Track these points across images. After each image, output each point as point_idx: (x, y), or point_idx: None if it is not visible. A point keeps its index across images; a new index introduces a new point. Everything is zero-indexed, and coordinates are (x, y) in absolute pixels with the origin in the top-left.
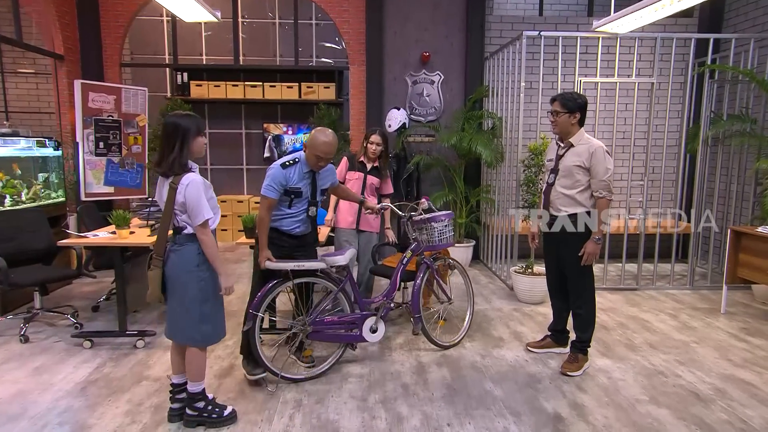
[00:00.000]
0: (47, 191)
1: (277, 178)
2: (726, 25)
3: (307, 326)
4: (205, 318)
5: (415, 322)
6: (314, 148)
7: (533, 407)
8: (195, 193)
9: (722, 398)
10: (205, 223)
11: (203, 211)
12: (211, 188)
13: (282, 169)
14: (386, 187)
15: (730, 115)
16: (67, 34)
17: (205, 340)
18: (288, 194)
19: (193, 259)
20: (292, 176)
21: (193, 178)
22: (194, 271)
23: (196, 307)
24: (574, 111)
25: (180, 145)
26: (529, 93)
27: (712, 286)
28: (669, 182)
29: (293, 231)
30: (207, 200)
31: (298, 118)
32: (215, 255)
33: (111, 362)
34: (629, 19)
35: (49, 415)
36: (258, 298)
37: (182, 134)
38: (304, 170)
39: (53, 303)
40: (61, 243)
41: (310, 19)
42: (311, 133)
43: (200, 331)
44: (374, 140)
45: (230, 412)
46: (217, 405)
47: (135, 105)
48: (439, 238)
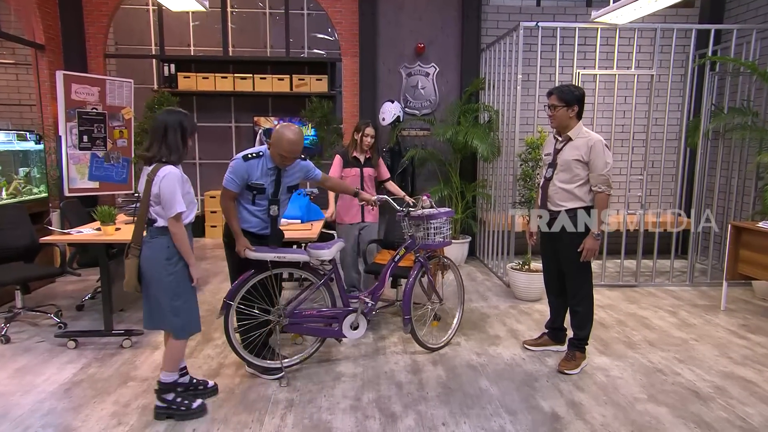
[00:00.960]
0: (29, 187)
1: (239, 171)
2: (727, 15)
3: (283, 318)
4: (176, 311)
5: (405, 323)
6: (279, 146)
7: (530, 406)
8: (170, 186)
9: (722, 396)
10: (178, 216)
11: (176, 205)
12: (188, 183)
13: (243, 162)
14: (383, 172)
15: (731, 108)
16: (48, 22)
17: (181, 331)
18: (250, 189)
19: (163, 252)
20: (255, 171)
21: (170, 171)
22: (164, 265)
23: (166, 300)
24: (572, 104)
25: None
26: (527, 86)
27: (712, 283)
28: (669, 177)
29: (256, 230)
30: (183, 195)
31: (290, 111)
32: (186, 248)
33: (96, 362)
34: (628, 9)
35: (32, 418)
36: (234, 287)
37: (181, 128)
38: (268, 166)
39: (35, 302)
40: (43, 240)
41: (301, 9)
42: (276, 130)
43: (171, 323)
44: (369, 133)
45: (199, 404)
46: (187, 397)
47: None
48: (437, 236)
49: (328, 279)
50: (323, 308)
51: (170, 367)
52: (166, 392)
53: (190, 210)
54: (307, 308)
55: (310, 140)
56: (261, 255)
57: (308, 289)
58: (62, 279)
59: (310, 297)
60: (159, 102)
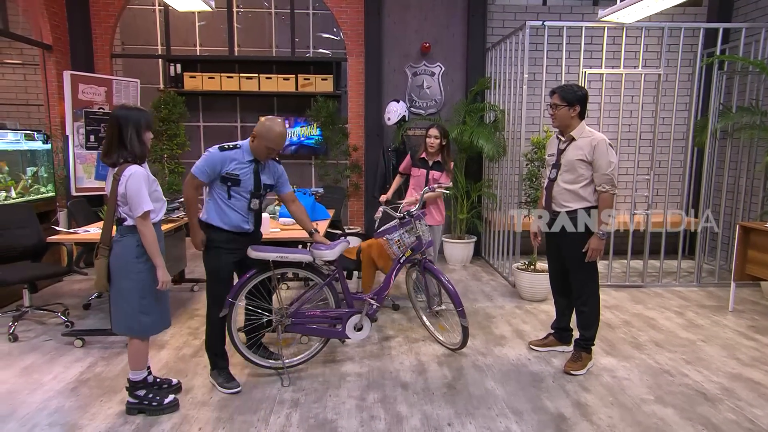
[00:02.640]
0: (36, 186)
1: (213, 160)
2: (736, 14)
3: (286, 318)
4: (144, 309)
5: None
6: (267, 139)
7: (536, 407)
8: (135, 185)
9: (730, 398)
10: (145, 215)
11: (143, 204)
12: (155, 182)
13: (219, 152)
14: (446, 180)
15: (739, 108)
16: (55, 23)
17: (143, 331)
18: (224, 181)
19: (132, 251)
20: (230, 162)
21: (135, 170)
22: (133, 263)
23: (134, 298)
24: (574, 104)
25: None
26: (533, 85)
27: (720, 283)
28: (676, 177)
29: (237, 227)
30: (150, 193)
31: (295, 110)
32: (154, 247)
33: (103, 361)
34: (636, 8)
35: (39, 416)
36: (236, 286)
37: (135, 126)
38: (246, 158)
39: (43, 301)
40: (50, 239)
41: (307, 8)
42: (262, 123)
43: (139, 321)
44: (432, 133)
45: (171, 400)
46: (159, 393)
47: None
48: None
49: (332, 279)
50: (327, 309)
51: (137, 366)
52: (138, 389)
53: (158, 208)
54: (310, 308)
55: (315, 140)
56: (263, 255)
57: (312, 290)
58: (69, 278)
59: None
60: (165, 102)
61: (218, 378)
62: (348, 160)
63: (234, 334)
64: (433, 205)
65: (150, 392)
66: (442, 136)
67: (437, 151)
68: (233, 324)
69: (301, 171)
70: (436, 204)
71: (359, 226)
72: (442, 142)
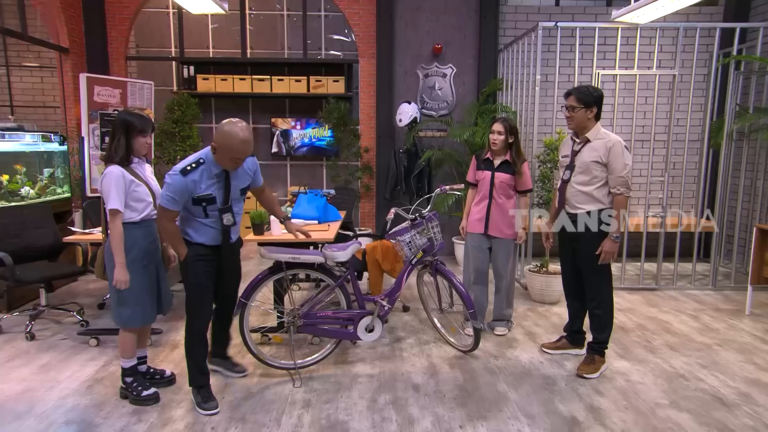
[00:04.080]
0: (53, 187)
1: (178, 187)
2: (753, 13)
3: (297, 318)
4: (123, 301)
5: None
6: (230, 149)
7: (548, 410)
8: (107, 184)
9: (747, 403)
10: (112, 212)
11: (110, 201)
12: (135, 183)
13: (183, 177)
14: (523, 182)
15: (756, 108)
16: (72, 26)
17: (123, 323)
18: (198, 203)
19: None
20: (198, 183)
21: (111, 170)
22: (110, 259)
23: (114, 290)
24: (591, 105)
25: (122, 138)
26: (545, 86)
27: (736, 287)
28: (691, 178)
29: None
30: (127, 194)
31: (307, 112)
32: (116, 244)
33: (117, 360)
34: (650, 8)
35: (56, 414)
36: (249, 287)
37: (125, 130)
38: (214, 172)
39: (59, 300)
40: (66, 239)
41: (318, 10)
42: (222, 130)
43: (119, 313)
44: (494, 129)
45: (150, 393)
46: (142, 383)
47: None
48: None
49: (344, 280)
50: (338, 310)
51: (124, 354)
52: (128, 375)
53: (141, 208)
54: (322, 309)
55: (327, 141)
56: (275, 256)
57: (323, 291)
58: (84, 278)
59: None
60: (178, 103)
61: (197, 397)
62: (359, 162)
63: (246, 334)
64: (497, 211)
65: (136, 381)
66: (507, 131)
67: (503, 148)
68: (246, 325)
69: (312, 172)
70: (499, 210)
71: (371, 228)
72: (508, 138)
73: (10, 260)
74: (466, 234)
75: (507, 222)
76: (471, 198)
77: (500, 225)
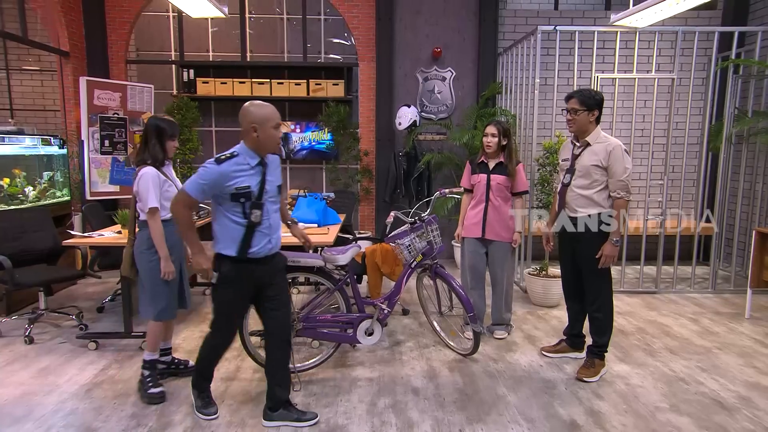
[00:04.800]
0: (52, 190)
1: (212, 175)
2: (752, 17)
3: (297, 322)
4: (155, 296)
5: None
6: (269, 117)
7: (548, 414)
8: (144, 184)
9: (747, 407)
10: (152, 211)
11: (149, 200)
12: (168, 183)
13: (217, 165)
14: (518, 184)
15: (755, 112)
16: (72, 30)
17: (156, 316)
18: (236, 199)
19: (144, 242)
20: (234, 173)
21: (146, 171)
22: (145, 253)
23: (147, 285)
24: (593, 108)
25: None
26: (544, 90)
27: (736, 290)
28: (690, 182)
29: (261, 252)
30: (162, 192)
31: (307, 115)
32: (158, 240)
33: (116, 364)
34: (649, 12)
35: (54, 418)
36: None
37: (158, 134)
38: (251, 163)
39: (58, 303)
40: (65, 243)
41: (318, 14)
42: (249, 110)
43: (154, 306)
44: (488, 131)
45: (156, 392)
46: (154, 380)
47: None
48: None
49: (344, 284)
50: (338, 313)
51: (150, 348)
52: (146, 368)
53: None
54: (321, 313)
55: (326, 144)
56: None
57: (323, 294)
58: (83, 281)
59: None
60: (178, 107)
61: (198, 401)
62: (359, 165)
63: (246, 338)
64: (494, 215)
65: (150, 376)
66: (500, 133)
67: (497, 151)
68: (245, 328)
69: (312, 175)
70: (496, 213)
71: (370, 231)
72: (501, 141)
73: (9, 263)
74: (462, 239)
75: (504, 225)
76: (466, 203)
77: (497, 228)
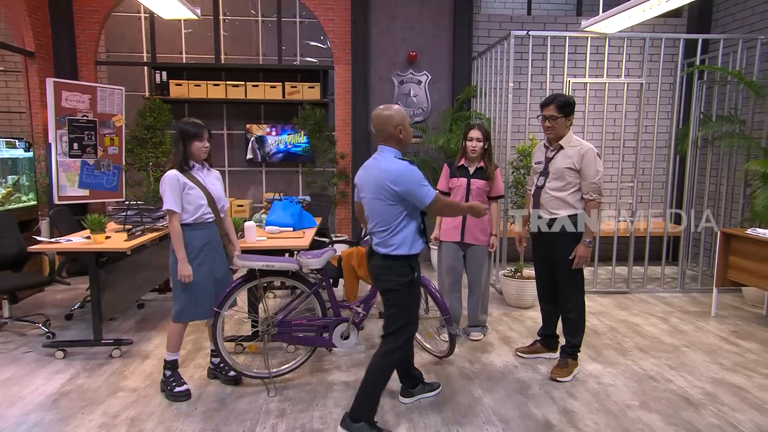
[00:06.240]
0: (17, 194)
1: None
2: (715, 25)
3: (272, 327)
4: (176, 297)
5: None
6: (406, 117)
7: (523, 414)
8: (162, 187)
9: (713, 403)
10: (169, 213)
11: (166, 203)
12: (189, 186)
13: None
14: (496, 188)
15: (719, 117)
16: (38, 29)
17: (174, 317)
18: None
19: (170, 245)
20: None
21: (167, 175)
22: (171, 254)
23: (173, 286)
24: (570, 114)
25: (180, 146)
26: (518, 93)
27: (703, 289)
28: (659, 183)
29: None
30: (182, 195)
31: (282, 118)
32: (176, 242)
33: (85, 373)
34: (618, 18)
35: (18, 430)
36: (222, 295)
37: (183, 138)
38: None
39: (23, 311)
40: (31, 249)
41: (294, 16)
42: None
43: (175, 306)
44: (473, 136)
45: (182, 390)
46: (177, 379)
47: (111, 105)
48: None
49: (319, 287)
50: (313, 317)
51: (170, 348)
52: (167, 369)
53: (191, 211)
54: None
55: (302, 147)
56: (249, 263)
57: (298, 298)
58: (51, 288)
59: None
60: (150, 109)
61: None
62: (335, 168)
63: (220, 344)
64: (474, 219)
65: (173, 376)
66: (484, 138)
67: (480, 155)
68: (218, 333)
69: (288, 179)
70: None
71: (346, 234)
72: (485, 145)
73: None
74: (440, 243)
75: (482, 229)
76: None
77: (476, 232)
